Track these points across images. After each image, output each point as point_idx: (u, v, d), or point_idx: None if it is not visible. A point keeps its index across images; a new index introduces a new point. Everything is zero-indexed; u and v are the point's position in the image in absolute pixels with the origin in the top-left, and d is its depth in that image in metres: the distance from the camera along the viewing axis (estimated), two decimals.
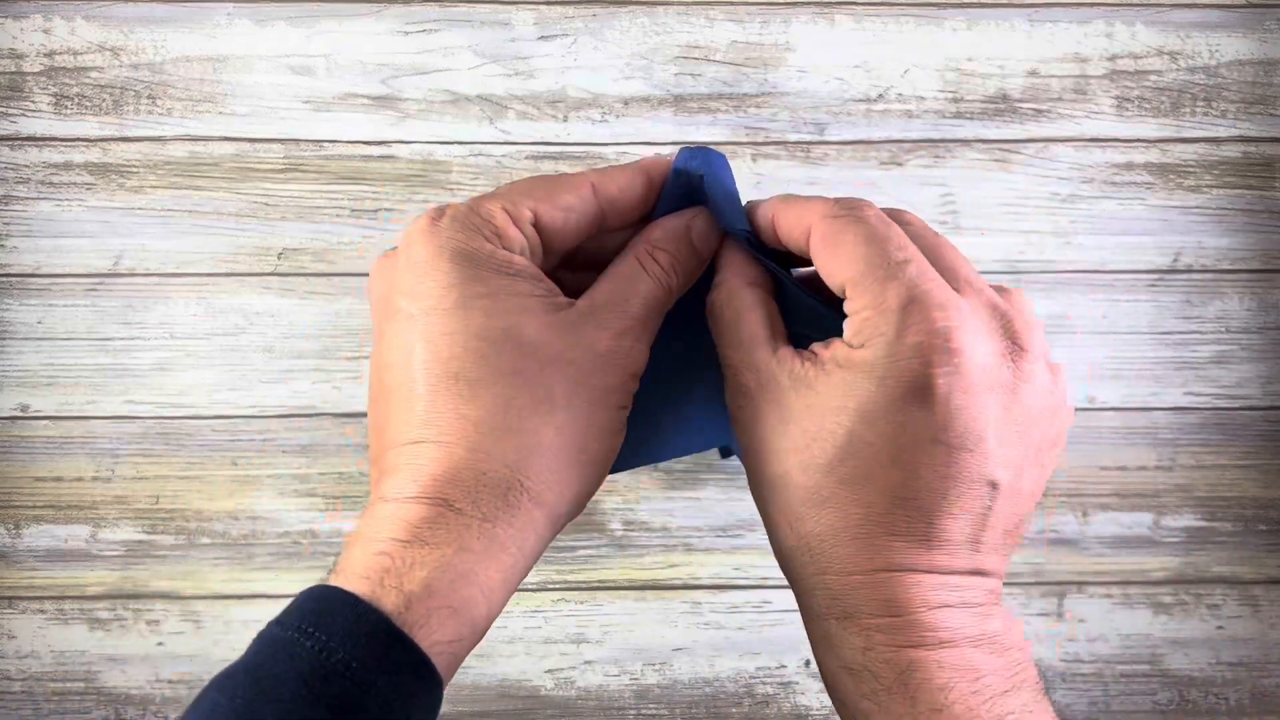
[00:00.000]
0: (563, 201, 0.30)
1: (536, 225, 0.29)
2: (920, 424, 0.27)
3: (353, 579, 0.26)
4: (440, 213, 0.29)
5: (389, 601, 0.25)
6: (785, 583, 0.32)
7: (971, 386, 0.27)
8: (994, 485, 0.28)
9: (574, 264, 0.34)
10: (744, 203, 0.34)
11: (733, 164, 0.65)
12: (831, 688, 0.30)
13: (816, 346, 0.30)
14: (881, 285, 0.28)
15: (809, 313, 0.31)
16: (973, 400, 0.27)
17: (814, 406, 0.28)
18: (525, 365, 0.27)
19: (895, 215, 0.31)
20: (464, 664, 0.62)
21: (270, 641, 0.25)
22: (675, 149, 0.36)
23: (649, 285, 0.30)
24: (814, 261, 0.30)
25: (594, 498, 0.62)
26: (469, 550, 0.26)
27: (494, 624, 0.62)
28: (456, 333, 0.27)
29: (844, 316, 0.29)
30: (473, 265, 0.27)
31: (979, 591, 0.28)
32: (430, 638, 0.25)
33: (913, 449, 0.27)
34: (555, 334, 0.28)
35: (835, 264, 0.29)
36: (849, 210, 0.30)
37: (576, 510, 0.30)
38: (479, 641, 0.28)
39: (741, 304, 0.31)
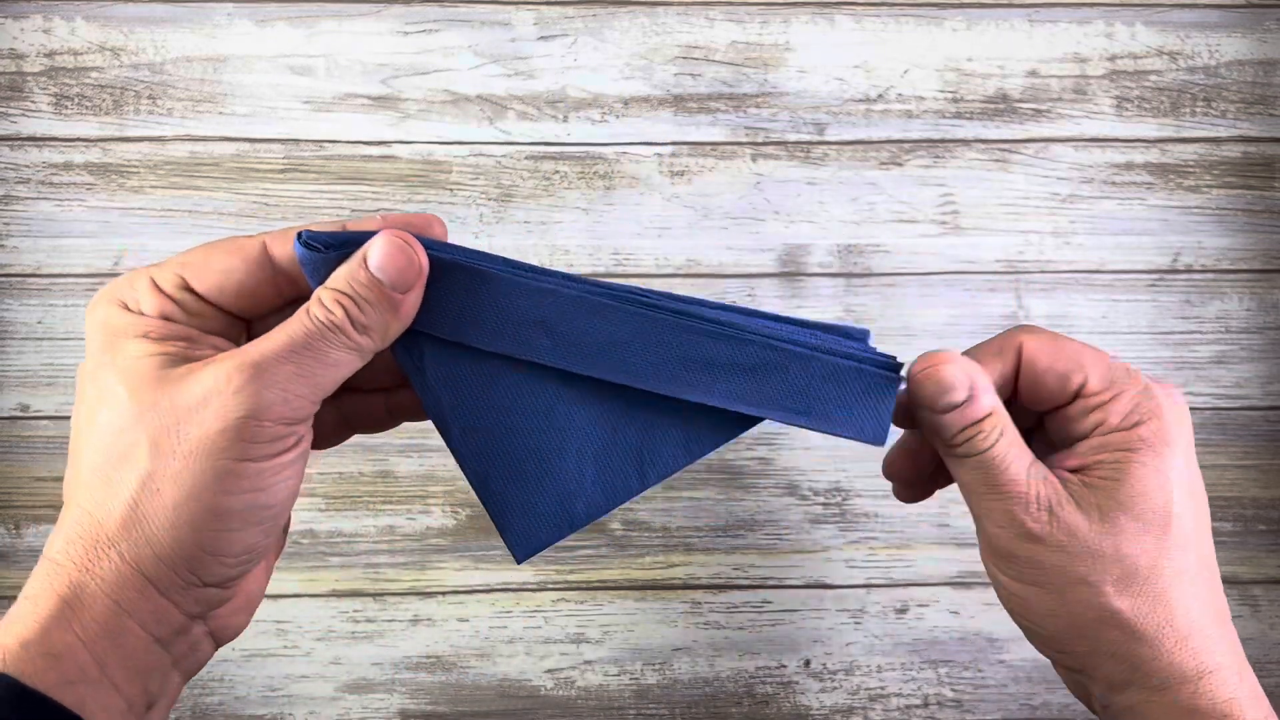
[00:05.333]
0: (217, 264, 0.31)
1: (191, 289, 0.31)
2: (1199, 478, 0.32)
3: None
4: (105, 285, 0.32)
5: None
6: (785, 582, 0.32)
7: None
8: None
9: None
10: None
11: (733, 164, 0.66)
12: None
13: (1069, 459, 0.32)
14: (1127, 372, 0.32)
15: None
16: None
17: (1135, 500, 0.30)
18: (118, 421, 0.28)
19: None
20: (464, 663, 0.62)
21: None
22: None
23: (302, 326, 0.29)
24: (1036, 368, 0.32)
25: None
26: (62, 599, 0.28)
27: (492, 624, 0.62)
28: (82, 398, 0.30)
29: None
30: (106, 333, 0.30)
31: None
32: (34, 682, 0.26)
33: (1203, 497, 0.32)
34: (150, 389, 0.28)
35: (1071, 360, 0.33)
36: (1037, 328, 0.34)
37: (198, 566, 0.29)
38: (129, 692, 0.28)
39: (998, 439, 0.31)
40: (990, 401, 0.31)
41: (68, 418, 0.61)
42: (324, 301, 0.29)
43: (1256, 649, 0.63)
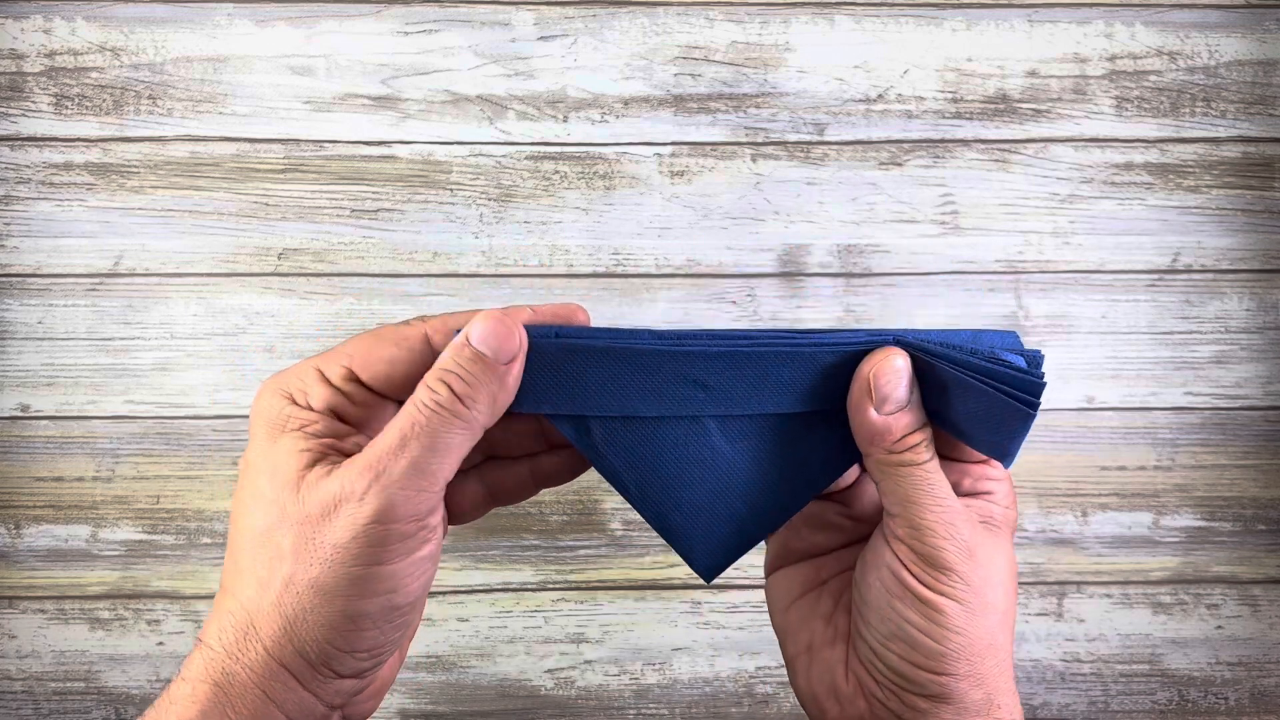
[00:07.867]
0: (383, 354, 0.31)
1: (358, 380, 0.31)
2: None
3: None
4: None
5: None
6: None
7: None
8: None
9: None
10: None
11: (732, 164, 0.66)
12: None
13: (991, 508, 0.34)
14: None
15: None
16: None
17: (1002, 560, 0.33)
18: (266, 523, 0.30)
19: None
20: (464, 663, 0.62)
21: None
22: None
23: (410, 418, 0.29)
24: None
25: (594, 498, 0.62)
26: (216, 685, 0.29)
27: (492, 624, 0.62)
28: (241, 487, 0.31)
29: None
30: (268, 425, 0.31)
31: None
32: None
33: None
34: (290, 493, 0.29)
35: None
36: None
37: (334, 662, 0.30)
38: None
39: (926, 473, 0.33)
40: (923, 415, 0.33)
41: (68, 418, 0.61)
42: (429, 384, 0.30)
43: (1256, 649, 0.63)
